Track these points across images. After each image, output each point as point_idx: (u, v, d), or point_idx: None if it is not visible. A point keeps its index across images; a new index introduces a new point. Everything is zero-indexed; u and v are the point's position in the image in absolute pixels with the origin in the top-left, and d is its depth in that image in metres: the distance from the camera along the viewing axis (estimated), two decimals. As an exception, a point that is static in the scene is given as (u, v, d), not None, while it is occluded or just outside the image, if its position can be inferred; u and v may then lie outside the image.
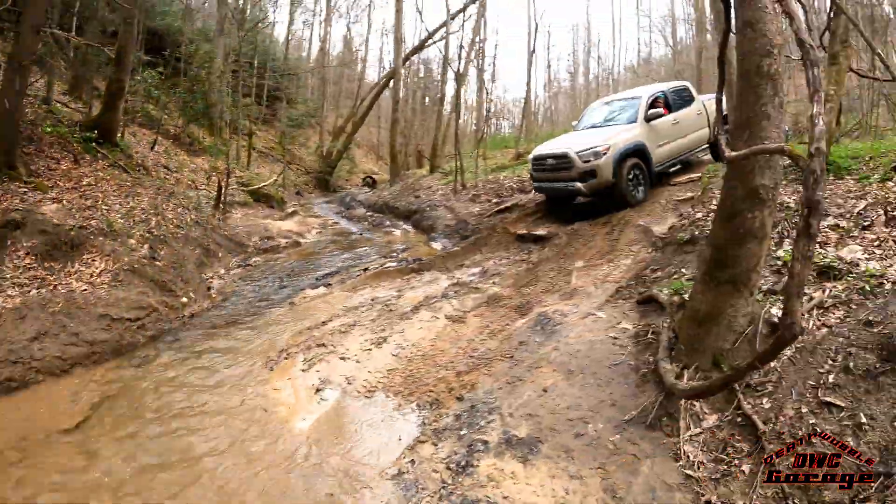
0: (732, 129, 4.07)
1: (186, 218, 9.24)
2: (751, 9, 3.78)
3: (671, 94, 10.38)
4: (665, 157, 9.81)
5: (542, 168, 9.76)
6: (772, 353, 2.62)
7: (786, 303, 2.44)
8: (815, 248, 2.39)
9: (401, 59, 21.27)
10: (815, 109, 2.53)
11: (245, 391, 4.62)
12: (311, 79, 30.84)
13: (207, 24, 20.28)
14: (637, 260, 6.85)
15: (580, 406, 4.03)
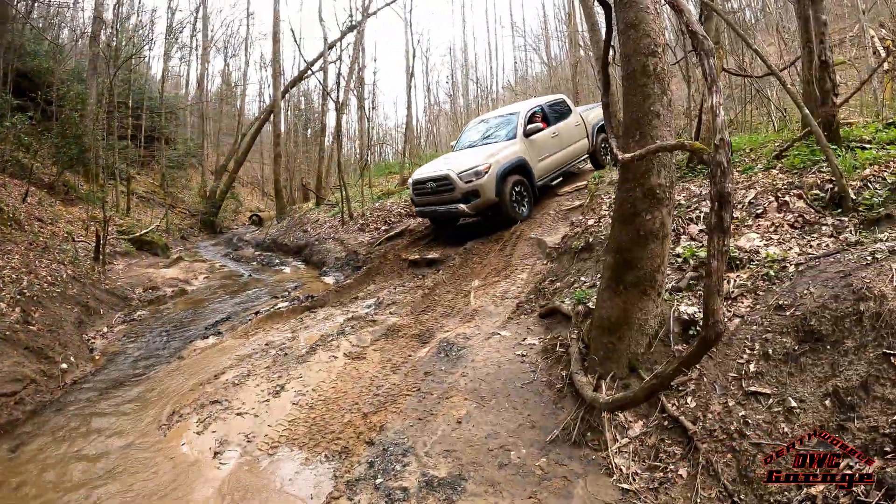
0: (622, 130, 4.02)
1: (63, 274, 8.31)
2: (632, 10, 3.79)
3: (548, 108, 10.53)
4: (547, 170, 9.92)
5: (423, 192, 9.57)
6: (696, 355, 2.47)
7: (706, 302, 2.31)
8: (729, 242, 2.26)
9: (280, 91, 20.76)
10: (715, 100, 2.47)
11: (137, 464, 4.02)
12: (191, 117, 29.53)
13: (80, 63, 18.80)
14: (533, 273, 6.82)
15: (499, 433, 3.79)
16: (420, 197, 9.67)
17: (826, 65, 5.50)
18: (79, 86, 15.81)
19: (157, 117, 22.98)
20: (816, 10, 5.59)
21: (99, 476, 3.92)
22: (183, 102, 28.75)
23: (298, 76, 24.37)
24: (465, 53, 38.62)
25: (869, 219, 4.13)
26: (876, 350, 2.84)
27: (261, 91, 36.42)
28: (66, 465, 4.14)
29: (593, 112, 11.56)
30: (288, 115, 29.42)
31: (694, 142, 2.65)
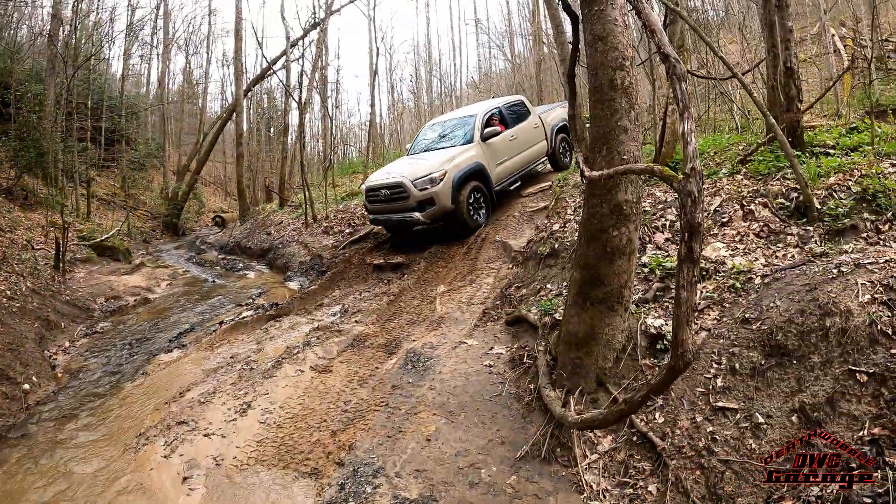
0: (589, 144, 4.00)
1: (22, 287, 7.99)
2: (601, 22, 3.73)
3: (506, 110, 10.25)
4: (505, 175, 9.66)
5: (376, 199, 9.25)
6: (665, 383, 2.46)
7: (675, 331, 2.29)
8: (699, 273, 2.24)
9: (242, 89, 20.30)
10: (686, 126, 2.40)
11: (105, 492, 3.87)
12: (151, 116, 28.71)
13: (38, 63, 18.05)
14: (499, 277, 6.82)
15: (469, 451, 3.76)
16: (374, 204, 9.38)
17: (791, 71, 5.55)
18: (37, 86, 15.15)
19: (117, 118, 22.25)
20: (782, 17, 5.64)
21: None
22: (144, 102, 27.89)
23: (260, 74, 23.82)
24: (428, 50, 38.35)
25: (834, 229, 4.18)
26: (842, 366, 2.88)
27: (223, 89, 35.61)
28: (31, 494, 3.99)
29: (552, 113, 11.37)
30: (251, 113, 28.87)
31: (665, 168, 2.62)
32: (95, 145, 20.58)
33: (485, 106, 10.37)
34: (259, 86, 26.46)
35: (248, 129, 25.78)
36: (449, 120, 10.81)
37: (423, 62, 35.01)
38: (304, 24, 20.47)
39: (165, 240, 19.40)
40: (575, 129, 4.17)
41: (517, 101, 10.94)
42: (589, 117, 4.00)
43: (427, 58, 34.55)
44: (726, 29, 16.65)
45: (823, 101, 9.51)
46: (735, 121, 9.97)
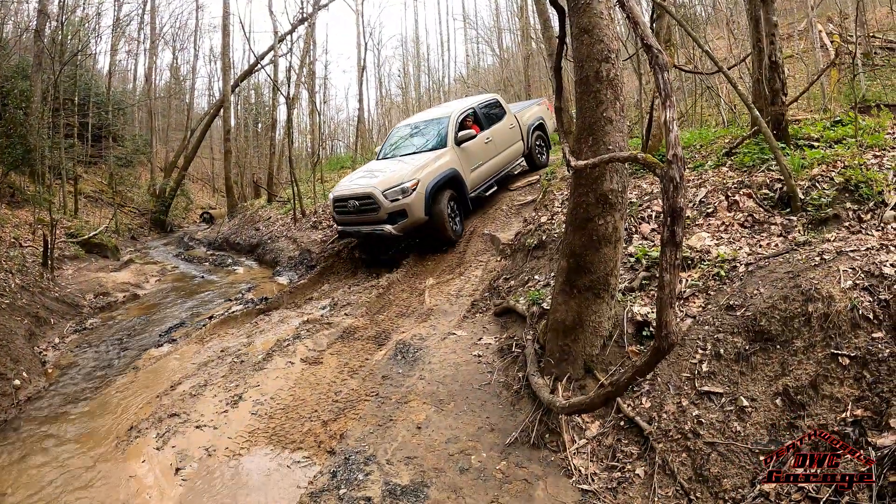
0: (576, 135, 4.04)
1: (11, 284, 7.95)
2: (587, 15, 3.78)
3: (481, 110, 9.73)
4: (480, 180, 9.18)
5: (344, 210, 8.62)
6: (650, 364, 2.50)
7: (659, 313, 2.33)
8: (681, 256, 2.29)
9: (230, 85, 20.12)
10: (668, 115, 2.46)
11: (98, 483, 3.88)
12: (139, 112, 28.51)
13: (24, 59, 17.86)
14: (487, 270, 6.86)
15: (459, 438, 3.81)
16: (342, 215, 8.75)
17: (776, 65, 5.64)
18: (23, 83, 15.00)
19: (104, 114, 22.06)
20: (767, 12, 5.72)
21: (57, 497, 3.78)
22: (131, 98, 27.70)
23: (248, 70, 23.69)
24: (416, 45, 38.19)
25: (817, 218, 4.26)
26: (824, 350, 2.95)
27: (210, 85, 35.40)
28: (23, 486, 3.99)
29: (528, 111, 11.00)
30: (238, 109, 28.74)
31: (647, 155, 2.66)
32: (82, 142, 20.45)
33: (459, 106, 9.81)
34: (247, 81, 26.32)
35: (235, 125, 25.69)
36: (421, 122, 10.27)
37: (412, 57, 35.06)
38: (292, 18, 20.47)
39: (153, 236, 19.30)
40: (562, 122, 4.21)
41: (492, 101, 10.44)
42: (575, 109, 4.04)
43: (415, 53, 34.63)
44: (714, 24, 16.80)
45: (810, 97, 9.64)
46: (722, 115, 10.07)
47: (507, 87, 23.78)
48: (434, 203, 8.05)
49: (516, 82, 22.87)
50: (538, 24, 13.12)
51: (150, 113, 25.23)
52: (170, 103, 31.05)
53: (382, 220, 8.08)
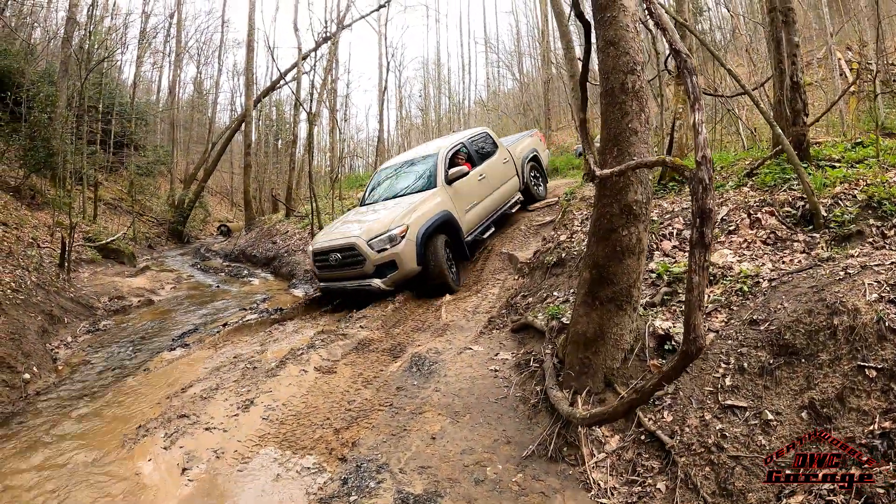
0: (600, 146, 4.03)
1: (27, 281, 8.02)
2: (612, 28, 3.80)
3: (472, 145, 9.08)
4: (476, 221, 8.43)
5: (326, 265, 7.74)
6: (677, 369, 2.46)
7: (687, 316, 2.30)
8: (710, 258, 2.26)
9: (252, 100, 20.53)
10: (697, 117, 2.48)
11: (101, 480, 3.83)
12: (161, 123, 29.05)
13: (51, 65, 18.30)
14: (505, 288, 6.82)
15: (474, 449, 3.73)
16: (324, 271, 7.87)
17: (797, 86, 5.64)
18: (49, 88, 15.36)
19: (127, 123, 22.50)
20: (789, 33, 5.74)
21: (57, 492, 3.73)
22: (154, 108, 28.26)
23: (271, 86, 24.14)
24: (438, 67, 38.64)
25: (840, 235, 4.21)
26: (851, 362, 2.87)
27: (232, 100, 36.10)
28: (24, 479, 3.95)
29: (520, 144, 10.46)
30: (259, 125, 29.24)
31: (675, 158, 2.68)
32: (104, 149, 20.81)
33: (446, 142, 9.10)
34: (269, 98, 26.84)
35: (256, 141, 26.12)
36: (407, 161, 9.50)
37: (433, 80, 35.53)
38: (317, 35, 20.81)
39: (170, 246, 19.50)
40: (585, 134, 4.20)
41: (482, 134, 9.78)
42: (600, 120, 4.04)
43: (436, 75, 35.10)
44: (733, 52, 16.87)
45: (829, 124, 9.63)
46: (742, 140, 10.06)
47: (527, 112, 23.98)
48: (427, 250, 7.29)
49: (536, 107, 23.08)
50: (560, 47, 13.24)
51: (173, 124, 25.73)
52: (192, 116, 31.62)
53: (369, 274, 7.30)
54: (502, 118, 28.48)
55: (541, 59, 22.30)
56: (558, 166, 16.18)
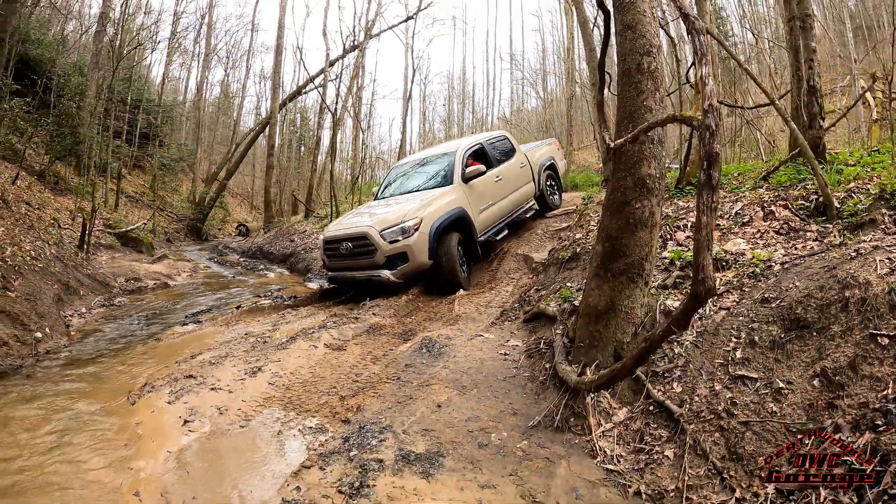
0: (616, 124, 4.10)
1: (46, 252, 8.18)
2: (630, 13, 3.95)
3: (490, 147, 9.03)
4: (490, 221, 8.37)
5: (336, 254, 7.73)
6: (686, 314, 2.46)
7: (696, 256, 2.31)
8: (718, 199, 2.30)
9: (278, 103, 20.97)
10: (704, 71, 2.57)
11: (104, 426, 3.88)
12: (186, 122, 29.58)
13: (82, 57, 18.79)
14: (519, 285, 6.84)
15: (479, 418, 3.73)
16: (333, 260, 7.86)
17: (814, 90, 5.69)
18: (79, 78, 15.75)
19: (153, 119, 22.95)
20: (807, 38, 5.81)
21: (56, 432, 3.78)
22: (181, 107, 28.81)
23: (298, 90, 24.59)
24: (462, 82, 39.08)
25: (853, 224, 4.20)
26: (863, 332, 2.86)
27: (258, 105, 36.63)
28: (26, 423, 4.01)
29: (539, 151, 10.46)
30: (283, 129, 29.70)
31: (684, 113, 2.72)
32: (129, 143, 21.21)
33: (465, 141, 9.09)
34: (294, 103, 27.31)
35: (279, 144, 26.49)
36: (424, 158, 9.53)
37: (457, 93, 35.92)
38: (344, 40, 21.25)
39: (188, 242, 19.78)
40: (602, 114, 4.26)
41: (501, 137, 9.74)
42: (617, 101, 4.11)
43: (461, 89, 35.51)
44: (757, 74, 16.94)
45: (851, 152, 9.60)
46: (761, 153, 10.06)
47: (549, 129, 24.18)
48: (440, 245, 7.23)
49: (558, 124, 23.31)
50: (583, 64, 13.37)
51: (198, 124, 26.22)
52: (217, 117, 32.20)
53: (379, 265, 7.25)
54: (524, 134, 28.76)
55: (565, 76, 22.51)
56: (578, 183, 16.37)
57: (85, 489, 3.07)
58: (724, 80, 12.61)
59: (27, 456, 3.45)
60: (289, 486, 3.02)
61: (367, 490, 2.95)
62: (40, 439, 3.68)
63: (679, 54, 9.06)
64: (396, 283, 7.24)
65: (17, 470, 3.28)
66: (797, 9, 5.94)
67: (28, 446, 3.58)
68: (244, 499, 3.01)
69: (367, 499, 2.88)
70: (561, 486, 2.96)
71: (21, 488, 3.08)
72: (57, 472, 3.25)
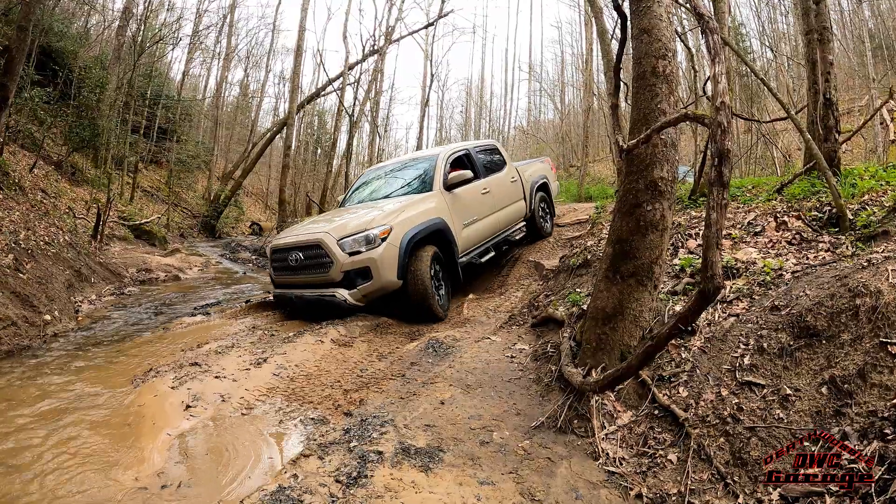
0: (629, 127, 4.09)
1: (60, 239, 8.27)
2: (647, 17, 3.94)
3: (478, 155, 7.95)
4: (475, 241, 7.20)
5: (284, 267, 6.41)
6: (695, 311, 2.45)
7: (705, 253, 2.30)
8: (728, 197, 2.29)
9: (296, 104, 21.08)
10: (717, 69, 2.56)
11: (105, 408, 3.91)
12: (204, 120, 29.88)
13: (104, 51, 19.11)
14: (529, 291, 6.82)
15: (482, 416, 3.72)
16: (280, 274, 6.56)
17: (830, 103, 5.67)
18: (100, 72, 15.99)
19: (171, 115, 23.20)
20: (824, 51, 5.80)
21: (55, 413, 3.82)
22: (199, 105, 29.10)
23: (316, 92, 24.80)
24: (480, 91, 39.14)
25: (865, 235, 4.16)
26: (872, 340, 2.82)
27: (276, 106, 36.93)
28: (27, 402, 4.05)
29: (531, 168, 9.44)
30: (301, 131, 29.90)
31: (696, 111, 2.72)
32: (146, 138, 21.45)
33: (450, 146, 7.93)
34: (312, 106, 27.49)
35: (296, 146, 26.64)
36: (401, 163, 8.28)
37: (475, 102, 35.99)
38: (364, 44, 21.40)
39: (201, 238, 19.91)
40: (616, 117, 4.26)
41: (490, 146, 8.70)
42: (631, 104, 4.11)
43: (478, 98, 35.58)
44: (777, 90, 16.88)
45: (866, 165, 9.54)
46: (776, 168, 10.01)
47: (566, 141, 24.19)
48: (411, 261, 5.97)
49: (574, 136, 23.31)
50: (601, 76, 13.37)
51: (216, 122, 26.44)
52: (235, 116, 32.49)
53: (335, 282, 5.92)
54: (540, 144, 28.76)
55: (583, 88, 22.51)
56: (593, 194, 16.41)
57: (83, 465, 3.09)
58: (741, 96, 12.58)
59: (27, 431, 3.49)
60: (286, 473, 3.01)
61: (364, 480, 2.93)
62: (40, 416, 3.73)
63: (696, 65, 9.01)
64: (355, 307, 5.96)
65: (14, 444, 3.32)
66: (815, 21, 5.93)
67: (28, 423, 3.61)
68: (240, 483, 3.00)
69: (365, 489, 2.86)
70: (561, 486, 2.94)
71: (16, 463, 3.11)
72: (55, 447, 3.28)
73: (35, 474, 2.98)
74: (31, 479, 2.93)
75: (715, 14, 6.58)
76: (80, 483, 2.90)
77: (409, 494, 2.84)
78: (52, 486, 2.88)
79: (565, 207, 13.39)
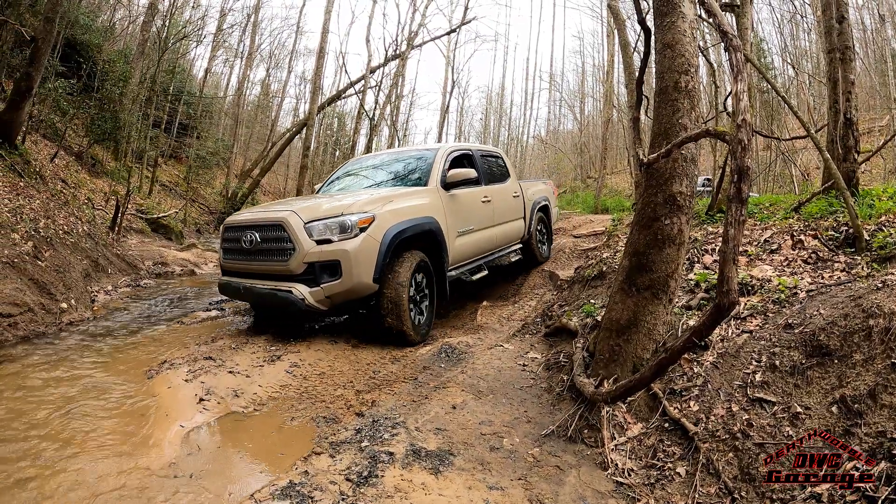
0: (650, 141, 4.12)
1: (78, 229, 8.39)
2: (671, 32, 3.96)
3: (481, 160, 7.20)
4: (469, 253, 6.41)
5: (235, 249, 5.38)
6: (709, 325, 2.47)
7: (721, 268, 2.33)
8: (746, 213, 2.33)
9: (316, 105, 21.24)
10: (739, 87, 2.60)
11: (118, 397, 3.97)
12: (225, 118, 30.16)
13: (128, 46, 19.40)
14: (543, 301, 6.85)
15: (493, 422, 3.75)
16: (230, 258, 5.53)
17: (850, 122, 5.66)
18: (124, 66, 16.24)
19: (192, 111, 23.44)
20: (845, 70, 5.80)
21: (69, 400, 3.87)
22: (220, 102, 29.39)
23: (337, 94, 24.99)
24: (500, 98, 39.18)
25: (882, 256, 4.17)
26: (884, 361, 2.82)
27: (296, 106, 37.16)
28: (40, 387, 4.11)
29: (534, 187, 8.79)
30: (320, 132, 30.08)
31: (717, 127, 2.76)
32: (167, 133, 21.69)
33: (451, 144, 6.97)
34: (332, 107, 27.62)
35: (314, 147, 26.79)
36: (393, 154, 7.28)
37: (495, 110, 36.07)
38: (387, 48, 21.55)
39: (217, 235, 19.98)
40: (637, 130, 4.28)
41: (495, 153, 7.98)
42: (652, 118, 4.14)
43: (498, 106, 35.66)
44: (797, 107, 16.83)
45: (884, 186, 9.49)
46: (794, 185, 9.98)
47: (584, 152, 24.18)
48: (393, 264, 5.09)
49: (593, 147, 23.32)
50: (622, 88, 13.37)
51: (237, 120, 26.66)
52: (256, 115, 32.76)
53: (294, 275, 4.87)
54: (558, 154, 28.72)
55: (603, 99, 22.47)
56: (609, 206, 16.41)
57: (97, 453, 3.15)
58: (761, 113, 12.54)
59: (39, 417, 3.56)
60: (296, 470, 3.06)
61: (374, 480, 2.97)
62: (54, 403, 3.79)
63: (718, 81, 9.02)
64: (315, 310, 4.96)
65: (28, 428, 3.39)
66: (837, 41, 5.93)
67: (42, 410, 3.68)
68: (250, 476, 3.06)
69: (375, 488, 2.90)
70: (569, 494, 2.97)
71: (30, 449, 3.17)
72: (68, 434, 3.35)
73: (48, 461, 3.05)
74: (45, 466, 3.00)
75: (738, 30, 6.59)
76: (93, 472, 2.95)
77: (418, 496, 2.87)
78: (65, 473, 2.93)
79: (582, 218, 13.43)
